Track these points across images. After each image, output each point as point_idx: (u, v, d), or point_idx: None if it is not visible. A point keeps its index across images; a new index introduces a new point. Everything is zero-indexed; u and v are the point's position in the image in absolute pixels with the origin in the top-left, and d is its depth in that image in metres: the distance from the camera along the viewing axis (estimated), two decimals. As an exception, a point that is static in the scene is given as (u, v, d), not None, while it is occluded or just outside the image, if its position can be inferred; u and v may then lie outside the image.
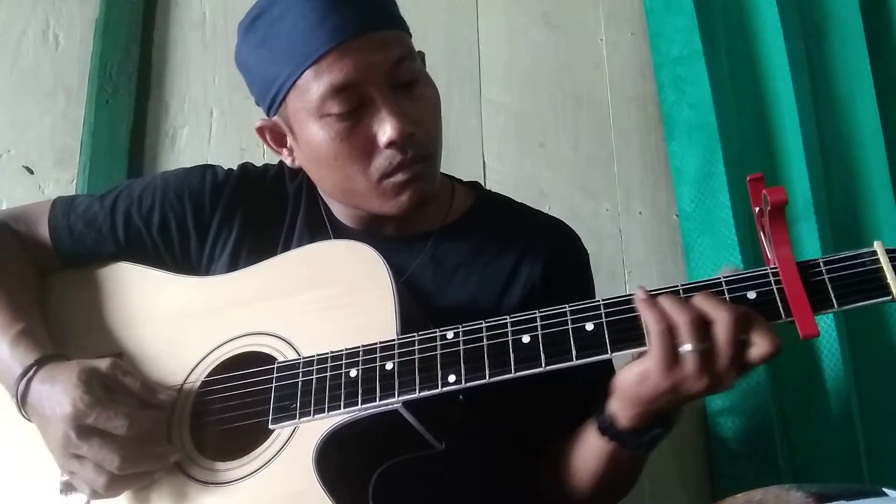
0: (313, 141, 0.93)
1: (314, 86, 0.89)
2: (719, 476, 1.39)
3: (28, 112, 1.57)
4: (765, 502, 0.70)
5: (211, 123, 1.63)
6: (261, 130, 1.00)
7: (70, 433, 0.82)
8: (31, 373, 0.87)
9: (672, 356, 0.75)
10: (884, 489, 0.68)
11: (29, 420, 0.89)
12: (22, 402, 0.88)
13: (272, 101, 0.95)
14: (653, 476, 1.43)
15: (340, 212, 1.06)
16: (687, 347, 0.74)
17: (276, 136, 1.00)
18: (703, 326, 0.74)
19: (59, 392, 0.84)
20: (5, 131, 1.55)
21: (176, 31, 1.70)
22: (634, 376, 0.78)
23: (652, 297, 0.77)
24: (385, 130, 0.89)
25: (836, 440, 1.31)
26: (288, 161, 1.01)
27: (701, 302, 0.75)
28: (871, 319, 1.42)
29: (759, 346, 0.74)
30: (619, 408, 0.83)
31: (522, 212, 1.12)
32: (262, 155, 1.60)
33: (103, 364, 0.87)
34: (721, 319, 0.74)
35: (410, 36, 0.97)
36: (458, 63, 1.68)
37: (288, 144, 1.00)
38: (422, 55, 1.00)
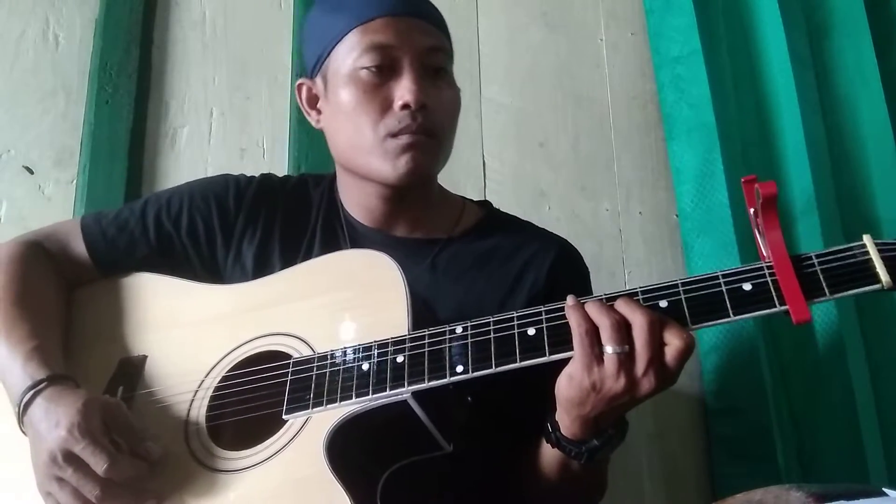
0: (341, 94, 1.03)
1: (357, 42, 1.02)
2: (719, 475, 1.39)
3: (28, 112, 1.57)
4: (764, 502, 0.70)
5: (211, 123, 1.63)
6: (300, 87, 1.12)
7: (57, 455, 0.83)
8: (40, 387, 0.89)
9: (592, 356, 0.79)
10: (884, 489, 0.68)
11: (24, 433, 0.89)
12: (23, 412, 0.88)
13: (319, 57, 1.06)
14: (653, 476, 1.43)
15: (355, 204, 1.11)
16: (607, 349, 0.78)
17: (310, 96, 1.10)
18: (622, 329, 0.79)
19: (60, 413, 0.85)
20: (5, 131, 1.55)
21: (176, 31, 1.69)
22: (564, 378, 0.82)
23: (579, 303, 0.82)
24: (402, 94, 1.00)
25: (841, 439, 1.31)
26: (313, 121, 1.11)
27: (621, 306, 0.80)
28: (886, 316, 1.43)
29: (673, 344, 0.78)
30: (559, 415, 0.86)
31: (528, 227, 1.17)
32: (262, 155, 1.61)
33: (110, 400, 0.89)
34: (637, 322, 0.78)
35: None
36: (458, 63, 1.66)
37: (318, 105, 1.10)
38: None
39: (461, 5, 1.73)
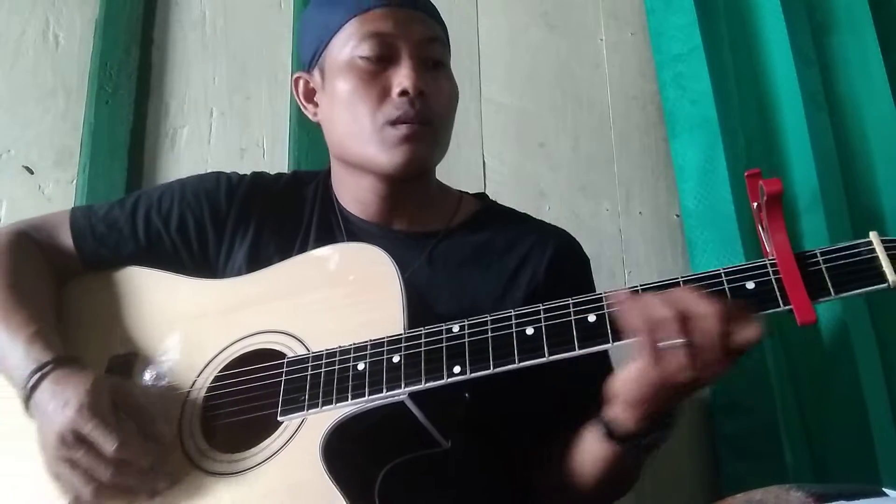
0: (339, 85, 1.03)
1: (355, 31, 1.03)
2: (725, 475, 1.37)
3: (28, 112, 1.57)
4: (765, 502, 0.70)
5: (211, 123, 1.63)
6: (297, 81, 1.12)
7: (66, 435, 0.83)
8: (46, 369, 0.88)
9: (659, 351, 0.77)
10: (884, 489, 0.68)
11: (30, 416, 0.89)
12: (29, 395, 0.88)
13: (316, 49, 1.07)
14: (657, 476, 1.43)
15: (350, 198, 1.10)
16: (675, 342, 0.76)
17: (307, 90, 1.11)
18: (686, 320, 0.76)
19: (68, 393, 0.84)
20: (5, 131, 1.54)
21: (176, 31, 1.70)
22: (631, 376, 0.80)
23: (633, 293, 0.80)
24: (401, 81, 1.00)
25: (851, 435, 1.30)
26: (310, 114, 1.12)
27: (683, 296, 0.77)
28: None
29: (744, 333, 0.75)
30: (621, 412, 0.84)
31: (527, 219, 1.17)
32: (262, 155, 1.60)
33: (117, 381, 0.89)
34: (709, 313, 0.75)
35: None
36: (458, 63, 1.67)
37: (315, 98, 1.10)
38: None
39: (461, 5, 1.73)
